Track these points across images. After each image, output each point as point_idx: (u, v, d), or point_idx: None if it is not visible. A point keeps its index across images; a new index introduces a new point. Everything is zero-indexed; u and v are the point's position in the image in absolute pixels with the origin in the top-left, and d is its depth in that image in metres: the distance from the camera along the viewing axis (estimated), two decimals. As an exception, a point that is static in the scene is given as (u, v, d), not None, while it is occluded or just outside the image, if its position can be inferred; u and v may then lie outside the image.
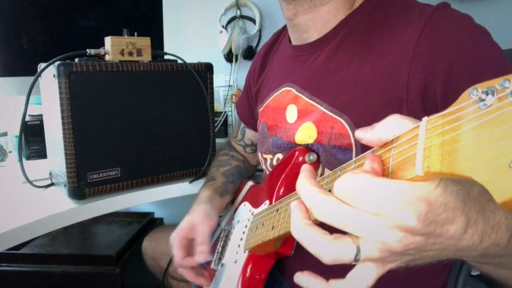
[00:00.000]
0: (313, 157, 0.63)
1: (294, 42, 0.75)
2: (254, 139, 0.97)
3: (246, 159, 0.99)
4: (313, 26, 0.68)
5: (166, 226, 1.14)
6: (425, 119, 0.31)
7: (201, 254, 0.71)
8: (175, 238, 0.74)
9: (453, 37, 0.54)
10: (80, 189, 0.85)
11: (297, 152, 0.65)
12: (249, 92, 0.93)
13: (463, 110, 0.28)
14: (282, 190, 0.67)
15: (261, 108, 0.81)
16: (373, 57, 0.60)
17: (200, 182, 0.94)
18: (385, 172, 0.34)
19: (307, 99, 0.68)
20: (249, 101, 0.93)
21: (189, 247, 0.75)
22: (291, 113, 0.71)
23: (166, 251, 0.99)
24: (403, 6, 0.61)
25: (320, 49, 0.68)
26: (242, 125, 0.98)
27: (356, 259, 0.33)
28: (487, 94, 0.26)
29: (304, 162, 0.63)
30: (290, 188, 0.60)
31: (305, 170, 0.38)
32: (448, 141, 0.28)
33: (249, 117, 0.95)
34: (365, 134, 0.36)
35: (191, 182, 0.99)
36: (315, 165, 0.63)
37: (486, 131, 0.25)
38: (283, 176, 0.66)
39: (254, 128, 0.95)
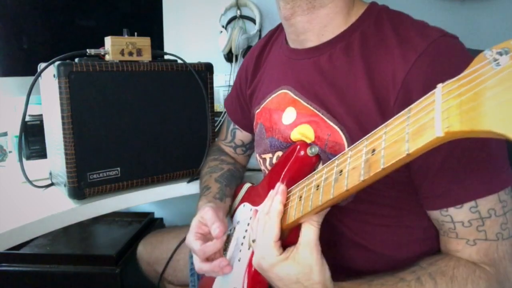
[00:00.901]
0: (314, 149, 0.62)
1: (291, 44, 0.74)
2: (245, 139, 0.97)
3: (236, 160, 0.99)
4: (311, 28, 0.67)
5: (161, 231, 1.13)
6: (440, 85, 0.33)
7: (216, 229, 0.68)
8: (188, 237, 0.72)
9: (439, 77, 0.54)
10: (80, 189, 0.85)
11: (298, 146, 0.65)
12: (241, 94, 0.91)
13: (478, 71, 0.30)
14: (284, 184, 0.67)
15: (258, 110, 0.80)
16: (369, 74, 0.60)
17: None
18: (401, 141, 0.37)
19: (305, 103, 0.68)
20: (240, 102, 0.92)
21: (207, 240, 0.72)
22: (289, 115, 0.70)
23: (162, 256, 0.98)
24: (400, 26, 0.61)
25: (317, 55, 0.68)
26: (232, 126, 0.97)
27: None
28: (501, 54, 0.28)
29: (306, 155, 0.63)
30: (294, 182, 0.60)
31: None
32: (465, 102, 0.30)
33: (241, 118, 0.94)
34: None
35: (188, 182, 0.99)
36: (317, 158, 0.63)
37: (502, 87, 0.27)
38: (285, 170, 0.65)
39: (246, 129, 0.94)
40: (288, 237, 0.59)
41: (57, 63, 0.80)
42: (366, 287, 0.55)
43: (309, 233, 0.53)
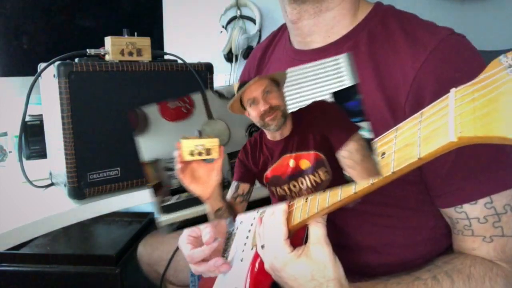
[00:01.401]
0: None
1: (296, 46, 0.74)
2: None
3: None
4: (317, 30, 0.67)
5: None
6: (453, 90, 0.33)
7: (206, 235, 0.67)
8: (180, 239, 0.72)
9: (451, 75, 0.54)
10: (80, 189, 0.85)
11: None
12: None
13: (493, 77, 0.29)
14: None
15: None
16: (378, 73, 0.60)
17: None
18: (412, 145, 0.36)
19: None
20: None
21: (198, 244, 0.71)
22: None
23: (163, 257, 0.97)
24: (408, 25, 0.60)
25: (323, 56, 0.67)
26: None
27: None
28: None
29: None
30: None
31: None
32: (479, 107, 0.29)
33: None
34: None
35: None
36: None
37: None
38: None
39: None
40: (293, 240, 0.59)
41: (57, 63, 0.80)
42: (382, 287, 0.55)
43: (317, 230, 0.53)
